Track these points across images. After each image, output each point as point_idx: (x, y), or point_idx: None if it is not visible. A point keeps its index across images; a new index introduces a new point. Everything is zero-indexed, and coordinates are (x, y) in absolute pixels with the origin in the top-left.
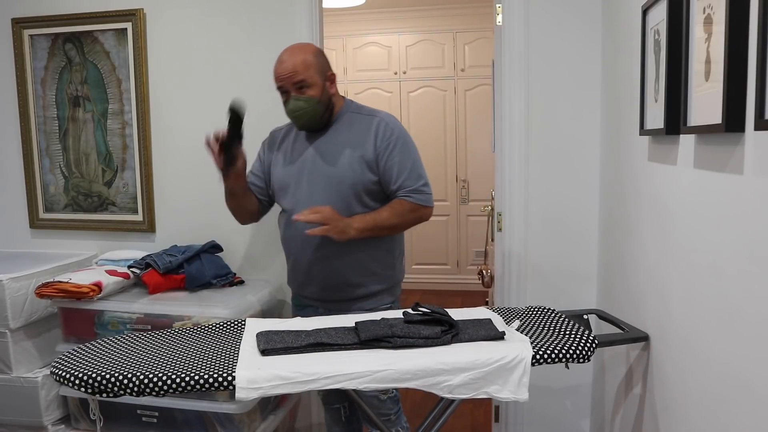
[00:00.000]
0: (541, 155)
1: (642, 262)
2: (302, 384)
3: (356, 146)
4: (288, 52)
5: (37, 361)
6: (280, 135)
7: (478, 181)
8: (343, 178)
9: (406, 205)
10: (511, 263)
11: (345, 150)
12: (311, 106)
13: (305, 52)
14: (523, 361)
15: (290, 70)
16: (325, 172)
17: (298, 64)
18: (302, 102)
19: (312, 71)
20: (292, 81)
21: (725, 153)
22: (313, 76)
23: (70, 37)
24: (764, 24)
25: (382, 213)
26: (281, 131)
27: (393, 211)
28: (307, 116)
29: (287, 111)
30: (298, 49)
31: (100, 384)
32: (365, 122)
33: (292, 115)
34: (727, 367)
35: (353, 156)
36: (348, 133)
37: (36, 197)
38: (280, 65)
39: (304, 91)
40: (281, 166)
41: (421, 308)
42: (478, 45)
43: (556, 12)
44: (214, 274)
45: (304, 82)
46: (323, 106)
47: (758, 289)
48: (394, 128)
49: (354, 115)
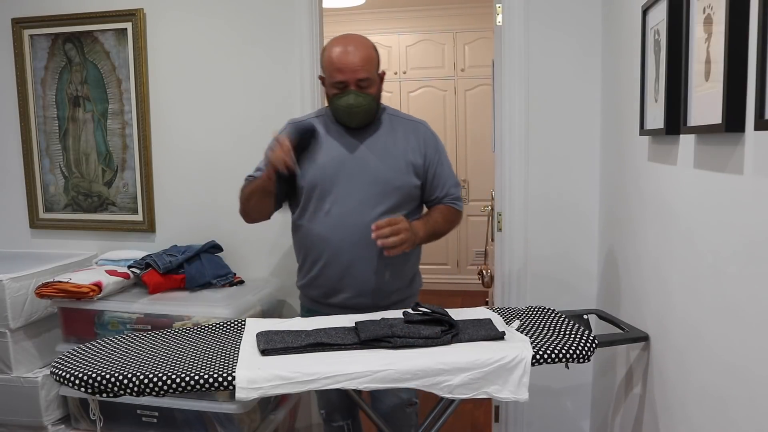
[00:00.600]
0: (541, 155)
1: (642, 262)
2: (302, 384)
3: (403, 149)
4: (353, 44)
5: (37, 361)
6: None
7: (478, 181)
8: (391, 180)
9: (453, 211)
10: (511, 263)
11: (392, 151)
12: (369, 104)
13: (368, 46)
14: (523, 361)
15: (358, 65)
16: (370, 171)
17: (366, 59)
18: (362, 98)
19: (373, 68)
20: (357, 77)
21: (725, 153)
22: (374, 74)
23: (70, 37)
24: (764, 24)
25: (437, 219)
26: (304, 123)
27: (445, 218)
28: (364, 114)
29: (342, 105)
30: (361, 42)
31: (100, 384)
32: (408, 126)
33: (349, 110)
34: (727, 367)
35: (401, 159)
36: (392, 135)
37: (36, 197)
38: (344, 57)
39: (365, 88)
40: (312, 160)
41: (421, 308)
42: (478, 45)
43: (556, 12)
44: (214, 274)
45: (368, 80)
46: (377, 104)
47: (758, 288)
48: (437, 137)
49: (393, 117)
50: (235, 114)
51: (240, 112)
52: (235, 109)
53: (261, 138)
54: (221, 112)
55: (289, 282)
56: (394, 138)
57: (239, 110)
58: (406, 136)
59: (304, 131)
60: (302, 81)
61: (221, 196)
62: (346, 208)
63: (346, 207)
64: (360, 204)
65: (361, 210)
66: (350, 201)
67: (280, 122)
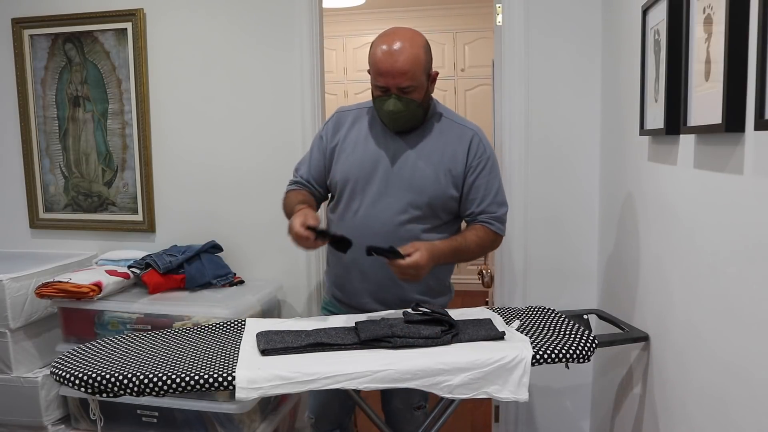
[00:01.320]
0: (541, 155)
1: (642, 262)
2: (302, 384)
3: (446, 157)
4: (400, 45)
5: (37, 361)
6: (348, 118)
7: None
8: (425, 189)
9: (491, 234)
10: (511, 263)
11: (432, 158)
12: (412, 110)
13: (417, 45)
14: (523, 361)
15: (401, 70)
16: (405, 177)
17: (411, 64)
18: (402, 104)
19: (420, 71)
20: (398, 85)
21: (725, 153)
22: (420, 78)
23: (70, 37)
24: (764, 24)
25: (468, 239)
26: (350, 113)
27: (480, 241)
28: (405, 120)
29: (383, 110)
30: (410, 42)
31: (100, 384)
32: (458, 132)
33: (389, 116)
34: (727, 367)
35: (440, 167)
36: (438, 140)
37: (36, 197)
38: (388, 60)
39: (408, 93)
40: (349, 154)
41: (421, 308)
42: (478, 45)
43: (556, 12)
44: (214, 274)
45: (411, 87)
46: (423, 109)
47: (758, 288)
48: (487, 146)
49: (445, 120)
50: (234, 114)
51: (240, 112)
52: (234, 109)
53: (261, 138)
54: (221, 112)
55: (289, 282)
56: (439, 143)
57: (239, 110)
58: (452, 142)
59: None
60: (302, 81)
61: (221, 197)
62: (373, 211)
63: (374, 210)
64: (388, 209)
65: (388, 215)
66: (379, 205)
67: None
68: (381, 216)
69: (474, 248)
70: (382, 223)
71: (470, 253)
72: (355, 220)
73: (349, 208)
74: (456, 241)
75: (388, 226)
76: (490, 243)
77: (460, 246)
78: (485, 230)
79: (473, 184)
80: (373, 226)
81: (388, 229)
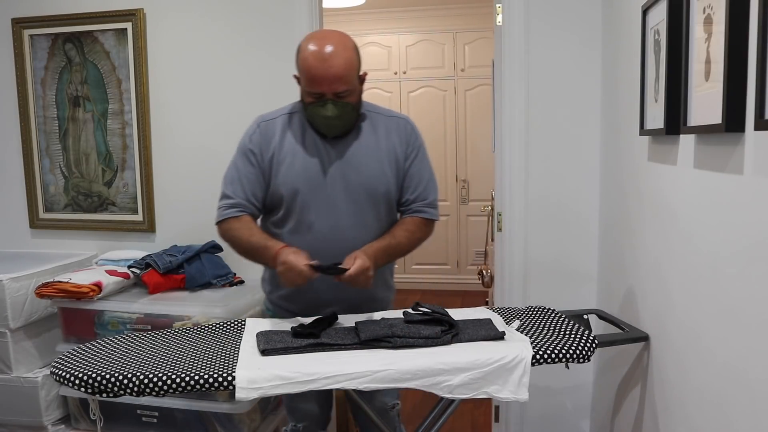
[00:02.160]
0: (541, 155)
1: (642, 262)
2: (302, 384)
3: (385, 150)
4: (332, 49)
5: (37, 361)
6: (276, 127)
7: (478, 181)
8: (377, 187)
9: (421, 224)
10: (511, 263)
11: (374, 155)
12: (348, 114)
13: (348, 48)
14: (523, 361)
15: (335, 76)
16: (355, 180)
17: (346, 68)
18: (339, 109)
19: (354, 75)
20: (335, 90)
21: (725, 153)
22: (354, 81)
23: (70, 37)
24: (764, 24)
25: (399, 240)
26: (276, 122)
27: (410, 236)
28: (342, 124)
29: (320, 116)
30: (341, 45)
31: (100, 384)
32: (390, 124)
33: (326, 122)
34: (727, 367)
35: (384, 161)
36: (373, 135)
37: (36, 197)
38: (322, 66)
39: (344, 97)
40: (290, 165)
41: (422, 308)
42: (478, 45)
43: (556, 12)
44: (214, 274)
45: (347, 91)
46: (357, 111)
47: (758, 288)
48: (418, 133)
49: (374, 115)
50: (234, 113)
51: (240, 112)
52: (234, 109)
53: None
54: (221, 112)
55: None
56: (375, 138)
57: (239, 110)
58: (387, 134)
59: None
60: None
61: None
62: (331, 223)
63: (332, 221)
64: (346, 217)
65: (348, 224)
66: (336, 214)
67: None
68: (341, 227)
69: (405, 243)
70: (344, 233)
71: (402, 247)
72: (313, 235)
73: (303, 221)
74: (385, 240)
75: (352, 234)
76: (421, 233)
77: (390, 244)
78: (414, 221)
79: (408, 171)
80: (337, 238)
81: (352, 237)
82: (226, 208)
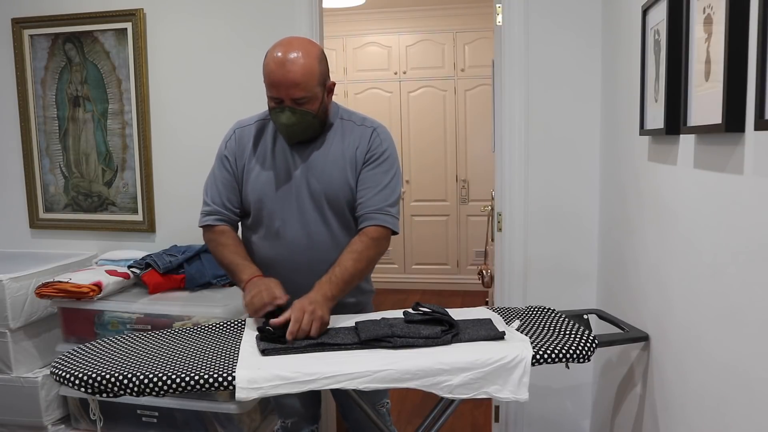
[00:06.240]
0: (541, 155)
1: (642, 262)
2: (302, 384)
3: (349, 158)
4: (293, 57)
5: (37, 361)
6: (250, 133)
7: (478, 181)
8: (338, 195)
9: (367, 239)
10: (511, 263)
11: (338, 163)
12: (307, 122)
13: (310, 56)
14: (523, 361)
15: (292, 81)
16: (317, 187)
17: (304, 75)
18: (297, 116)
19: (314, 82)
20: (291, 96)
21: (725, 153)
22: (314, 89)
23: (70, 37)
24: (764, 24)
25: (345, 270)
26: (251, 128)
27: (357, 256)
28: (300, 132)
29: (278, 123)
30: (303, 53)
31: (100, 384)
32: (359, 132)
33: (284, 129)
34: (727, 367)
35: (347, 169)
36: (341, 143)
37: (36, 197)
38: (280, 69)
39: (303, 104)
40: (258, 172)
41: (422, 308)
42: (478, 45)
43: (556, 12)
44: (214, 274)
45: (304, 98)
46: (319, 120)
47: (758, 288)
48: (385, 141)
49: (345, 123)
50: (234, 113)
51: (240, 112)
52: (234, 109)
53: None
54: (221, 112)
55: None
56: (342, 147)
57: (239, 110)
58: (353, 142)
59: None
60: None
61: None
62: (299, 230)
63: (299, 228)
64: (314, 224)
65: (316, 230)
66: (303, 221)
67: None
68: (310, 230)
69: (352, 267)
70: (308, 240)
71: (353, 271)
72: (279, 242)
73: (271, 228)
74: (333, 271)
75: (316, 241)
76: (369, 251)
77: (335, 273)
78: (360, 240)
79: (363, 175)
80: (301, 245)
81: (316, 244)
82: (204, 215)
